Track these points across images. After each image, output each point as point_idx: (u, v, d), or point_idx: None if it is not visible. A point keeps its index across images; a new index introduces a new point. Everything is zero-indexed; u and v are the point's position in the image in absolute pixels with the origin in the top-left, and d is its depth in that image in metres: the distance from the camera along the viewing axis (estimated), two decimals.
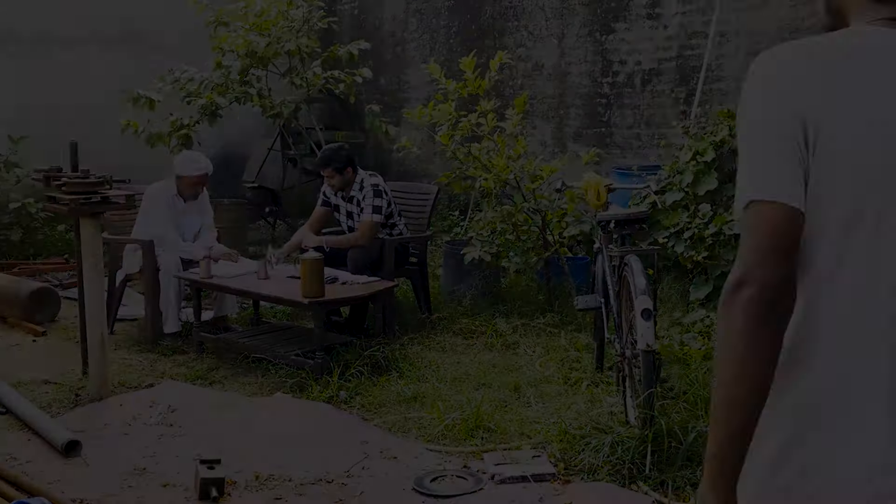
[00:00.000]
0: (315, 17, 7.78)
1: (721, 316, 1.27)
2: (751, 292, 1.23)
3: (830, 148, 1.25)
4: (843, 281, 1.27)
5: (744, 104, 1.34)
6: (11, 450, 3.95)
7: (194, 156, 6.04)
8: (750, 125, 1.31)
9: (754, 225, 1.27)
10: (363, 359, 5.06)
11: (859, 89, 1.26)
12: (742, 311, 1.24)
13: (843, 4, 1.40)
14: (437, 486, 3.60)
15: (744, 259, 1.26)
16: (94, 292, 4.58)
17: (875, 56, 1.28)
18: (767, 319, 1.24)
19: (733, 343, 1.25)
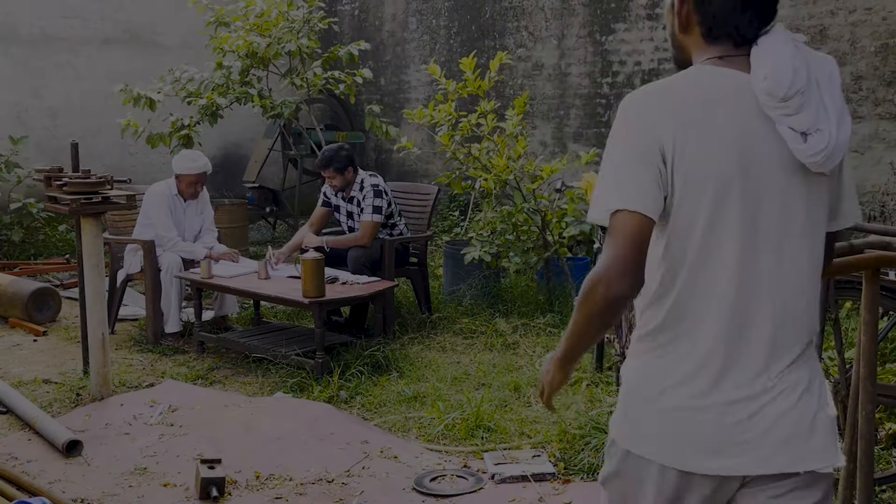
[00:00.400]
0: (315, 18, 7.79)
1: (581, 299, 1.63)
2: (606, 294, 1.59)
3: (683, 169, 1.60)
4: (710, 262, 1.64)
5: (614, 134, 1.68)
6: (12, 449, 3.96)
7: (192, 154, 6.05)
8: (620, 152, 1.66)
9: (622, 227, 1.60)
10: (363, 359, 5.07)
11: (697, 123, 1.60)
12: (598, 304, 1.60)
13: (685, 44, 1.75)
14: (437, 485, 3.61)
15: (607, 262, 1.59)
16: (95, 292, 4.59)
17: (712, 93, 1.63)
18: (615, 312, 1.62)
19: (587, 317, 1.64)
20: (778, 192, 1.64)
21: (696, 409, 1.66)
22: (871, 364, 2.23)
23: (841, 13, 6.24)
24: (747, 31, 1.67)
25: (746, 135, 1.62)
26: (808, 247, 1.68)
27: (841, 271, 2.17)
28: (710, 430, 1.65)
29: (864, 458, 2.25)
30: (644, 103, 1.66)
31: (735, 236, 1.63)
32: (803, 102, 1.60)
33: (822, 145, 1.60)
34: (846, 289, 3.38)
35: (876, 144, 6.09)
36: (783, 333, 1.68)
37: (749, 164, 1.62)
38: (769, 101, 1.60)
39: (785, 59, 1.61)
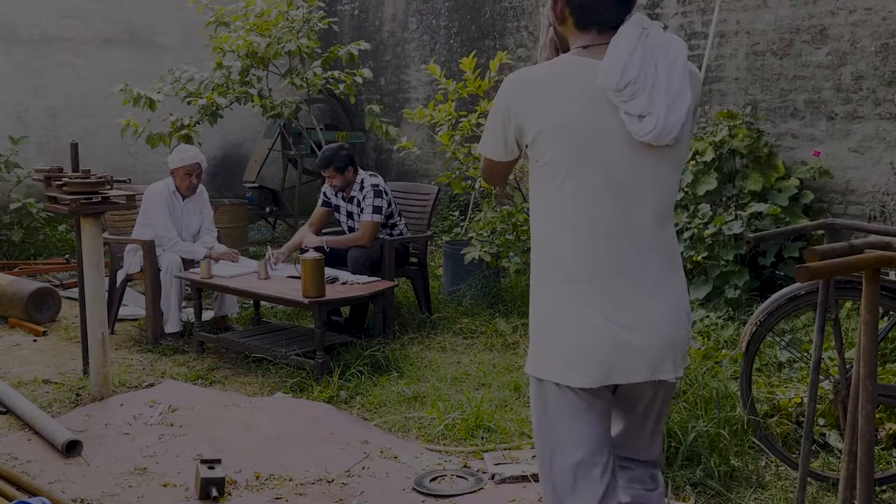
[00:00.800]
0: (315, 18, 7.79)
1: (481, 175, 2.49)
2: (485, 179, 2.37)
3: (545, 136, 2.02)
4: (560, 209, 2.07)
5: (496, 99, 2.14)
6: (12, 449, 3.96)
7: (182, 147, 6.06)
8: (491, 114, 2.15)
9: (486, 165, 2.28)
10: (363, 359, 5.07)
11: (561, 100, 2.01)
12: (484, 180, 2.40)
13: (564, 35, 2.12)
14: (437, 485, 3.61)
15: (481, 174, 2.39)
16: (95, 292, 4.59)
17: (564, 79, 2.01)
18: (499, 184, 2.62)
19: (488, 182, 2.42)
20: (629, 158, 2.01)
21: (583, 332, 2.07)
22: (871, 364, 2.23)
23: (841, 13, 6.23)
24: (610, 18, 2.01)
25: (594, 114, 1.99)
26: (658, 200, 2.07)
27: (841, 271, 2.17)
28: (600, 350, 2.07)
29: (864, 458, 2.25)
30: (518, 83, 2.08)
31: (598, 191, 2.03)
32: (636, 90, 1.93)
33: (651, 126, 1.95)
34: (846, 289, 3.38)
35: (876, 144, 6.09)
36: (643, 265, 2.07)
37: (597, 137, 2.00)
38: (607, 91, 1.97)
39: (618, 56, 1.94)
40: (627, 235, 2.05)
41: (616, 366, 2.09)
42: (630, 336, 2.07)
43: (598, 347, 2.07)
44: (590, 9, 2.02)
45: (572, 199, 2.05)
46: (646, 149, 2.02)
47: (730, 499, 3.45)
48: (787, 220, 5.95)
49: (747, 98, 6.83)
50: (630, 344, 2.07)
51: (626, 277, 2.06)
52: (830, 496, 3.45)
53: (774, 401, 4.09)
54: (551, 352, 2.13)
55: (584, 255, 2.06)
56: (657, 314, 2.09)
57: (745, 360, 3.72)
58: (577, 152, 2.01)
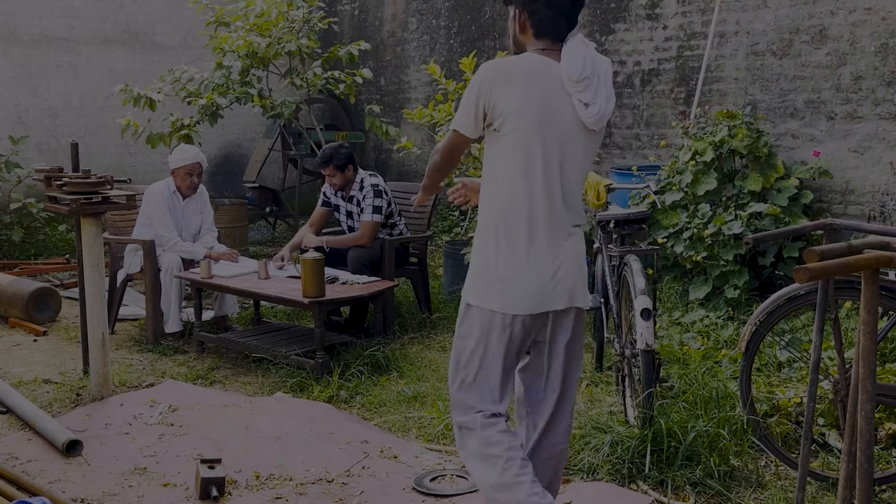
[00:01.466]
0: (315, 18, 7.79)
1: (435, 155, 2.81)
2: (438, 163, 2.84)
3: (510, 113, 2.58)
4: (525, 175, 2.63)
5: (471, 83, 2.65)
6: (12, 449, 3.96)
7: (183, 147, 6.07)
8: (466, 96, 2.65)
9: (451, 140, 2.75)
10: (363, 358, 5.07)
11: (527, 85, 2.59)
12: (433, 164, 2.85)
13: (522, 40, 2.73)
14: (437, 485, 3.61)
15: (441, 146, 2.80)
16: (95, 292, 4.59)
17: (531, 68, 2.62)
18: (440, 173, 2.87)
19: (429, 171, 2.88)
20: (570, 136, 2.64)
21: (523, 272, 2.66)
22: (870, 364, 2.23)
23: (841, 13, 6.24)
24: (561, 32, 2.67)
25: (551, 99, 2.61)
26: (581, 171, 2.72)
27: (840, 272, 2.17)
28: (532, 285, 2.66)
29: (864, 457, 2.25)
30: (493, 70, 2.63)
31: (539, 161, 2.62)
32: (587, 85, 2.59)
33: (594, 112, 2.61)
34: (846, 289, 3.39)
35: (876, 144, 6.10)
36: (566, 223, 2.70)
37: (551, 117, 2.61)
38: (568, 82, 2.59)
39: (579, 57, 2.59)
40: (563, 198, 2.68)
41: (544, 297, 2.68)
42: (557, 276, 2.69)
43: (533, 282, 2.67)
44: (548, 25, 2.67)
45: (524, 163, 2.63)
46: (582, 130, 2.67)
47: (729, 498, 3.45)
48: (786, 220, 5.95)
49: (747, 98, 6.83)
50: (554, 279, 2.69)
51: (555, 227, 2.68)
52: (830, 496, 3.45)
53: (774, 400, 4.09)
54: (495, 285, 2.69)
55: (532, 213, 2.65)
56: (572, 257, 2.72)
57: (745, 360, 3.73)
58: (535, 128, 2.60)
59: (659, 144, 7.41)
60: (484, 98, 2.61)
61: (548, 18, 2.66)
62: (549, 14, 2.65)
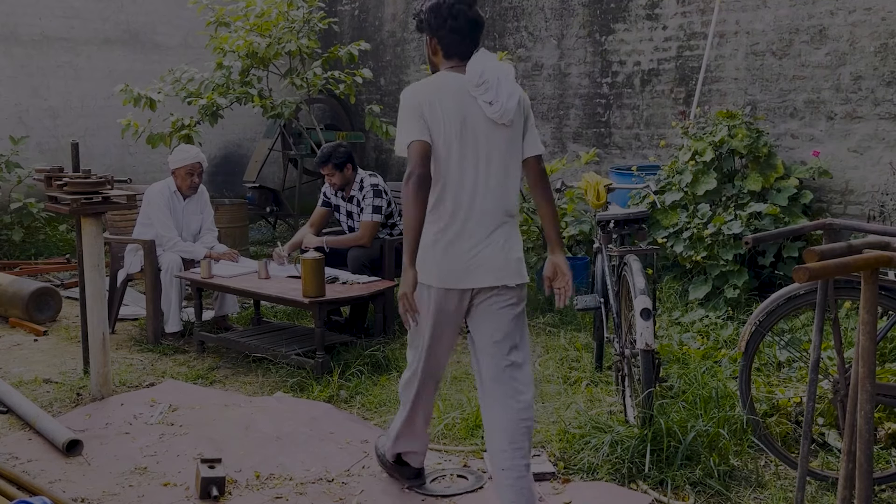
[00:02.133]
0: (315, 18, 7.79)
1: (404, 189, 2.99)
2: (414, 178, 2.98)
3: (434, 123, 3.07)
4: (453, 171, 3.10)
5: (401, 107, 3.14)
6: (13, 449, 3.97)
7: (183, 147, 6.07)
8: (405, 115, 3.10)
9: (414, 150, 3.03)
10: (363, 358, 5.07)
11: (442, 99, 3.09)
12: (412, 186, 2.97)
13: (435, 60, 3.25)
14: (437, 485, 3.62)
15: (411, 165, 3.00)
16: (96, 292, 4.59)
17: (444, 84, 3.13)
18: (421, 189, 2.98)
19: (410, 202, 2.97)
20: (486, 134, 3.14)
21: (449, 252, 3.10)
22: (870, 364, 2.24)
23: (840, 13, 6.24)
24: (465, 53, 3.19)
25: (464, 106, 3.11)
26: (506, 164, 3.17)
27: (840, 271, 2.18)
28: (457, 264, 3.10)
29: (864, 457, 2.26)
30: (415, 91, 3.15)
31: (465, 158, 3.12)
32: (487, 88, 3.10)
33: (497, 108, 3.10)
34: (845, 289, 3.39)
35: (875, 144, 6.10)
36: (491, 210, 3.13)
37: (466, 120, 3.11)
38: (471, 87, 3.11)
39: (477, 67, 3.12)
40: (487, 186, 3.14)
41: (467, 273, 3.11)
42: (480, 256, 3.11)
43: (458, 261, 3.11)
44: (453, 46, 3.19)
45: (456, 162, 3.12)
46: (496, 126, 3.14)
47: (729, 498, 3.45)
48: (786, 219, 5.95)
49: (747, 98, 6.83)
50: (482, 260, 3.11)
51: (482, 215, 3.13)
52: (829, 495, 3.46)
53: (774, 400, 4.10)
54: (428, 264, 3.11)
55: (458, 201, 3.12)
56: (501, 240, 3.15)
57: (745, 360, 3.73)
58: (456, 132, 3.11)
59: (659, 144, 7.41)
60: (418, 111, 3.10)
61: (453, 42, 3.19)
62: (454, 38, 3.18)
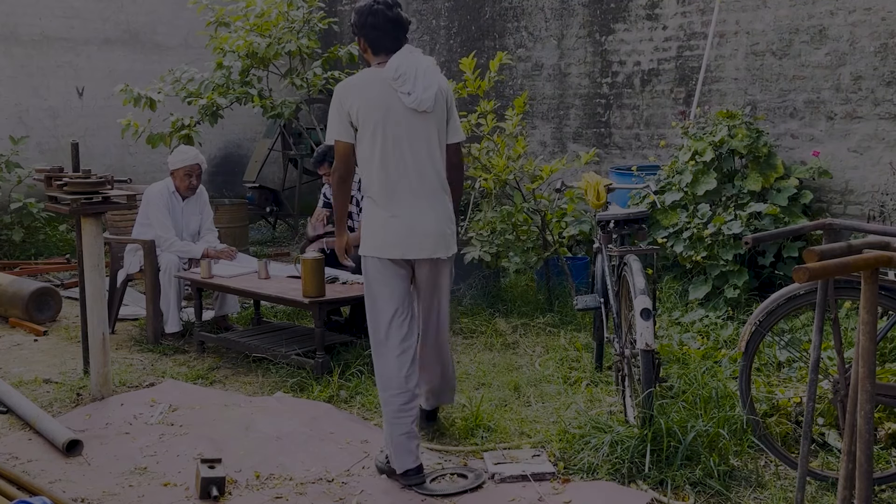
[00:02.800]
0: (315, 18, 7.79)
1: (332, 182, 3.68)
2: (336, 177, 3.65)
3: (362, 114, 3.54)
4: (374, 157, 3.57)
5: (332, 103, 3.61)
6: (13, 449, 3.97)
7: (182, 148, 6.06)
8: (334, 112, 3.59)
9: (338, 149, 3.63)
10: (363, 358, 5.07)
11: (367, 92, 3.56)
12: (336, 182, 3.66)
13: (367, 58, 3.68)
14: (436, 485, 3.62)
15: (336, 163, 3.64)
16: (96, 292, 4.59)
17: (370, 78, 3.60)
18: (344, 182, 3.65)
19: (336, 193, 3.68)
20: (408, 121, 3.58)
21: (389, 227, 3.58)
22: (870, 364, 2.24)
23: (840, 13, 6.24)
24: (391, 48, 3.62)
25: (387, 97, 3.56)
26: (430, 147, 3.64)
27: (840, 271, 2.18)
28: (398, 237, 3.58)
29: (864, 457, 2.26)
30: (343, 87, 3.64)
31: (392, 142, 3.57)
32: (404, 80, 3.54)
33: (413, 99, 3.55)
34: (845, 289, 3.39)
35: (875, 144, 6.10)
36: (422, 187, 3.61)
37: (389, 110, 3.56)
38: (390, 80, 3.56)
39: (394, 62, 3.57)
40: (413, 168, 3.60)
41: (408, 247, 3.59)
42: (414, 229, 3.59)
43: (397, 235, 3.58)
44: (378, 42, 3.65)
45: (381, 149, 3.57)
46: (416, 114, 3.60)
47: (729, 498, 3.45)
48: (786, 219, 5.95)
49: (746, 98, 6.83)
50: (415, 233, 3.59)
51: (413, 195, 3.60)
52: (829, 495, 3.46)
53: (773, 400, 4.10)
54: (374, 238, 3.61)
55: (389, 182, 3.59)
56: (431, 217, 3.63)
57: (745, 360, 3.73)
58: (381, 120, 3.55)
59: (659, 144, 7.41)
60: (345, 108, 3.60)
61: (377, 39, 3.64)
62: (377, 35, 3.63)
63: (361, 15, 3.64)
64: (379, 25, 3.60)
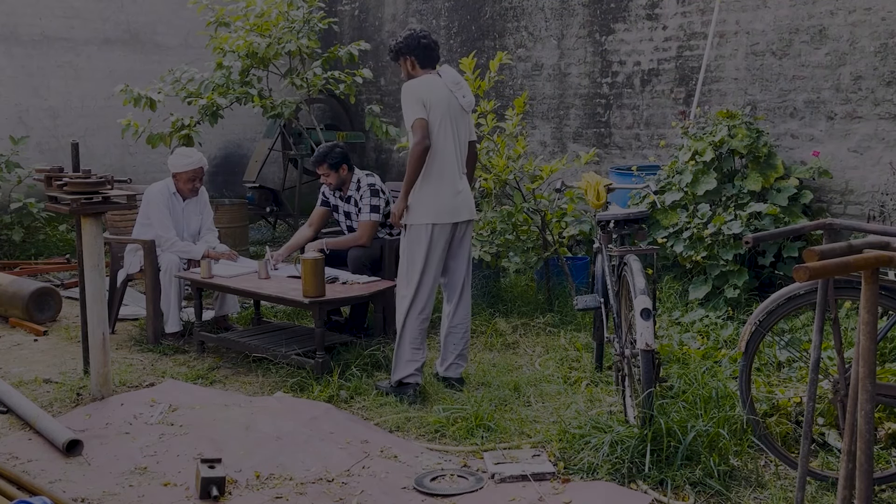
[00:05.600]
0: (315, 18, 7.79)
1: (414, 154, 4.54)
2: (421, 148, 4.54)
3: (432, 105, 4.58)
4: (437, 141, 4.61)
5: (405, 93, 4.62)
6: (13, 449, 3.97)
7: (185, 151, 6.05)
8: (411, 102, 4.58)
9: (419, 125, 4.54)
10: (363, 358, 5.07)
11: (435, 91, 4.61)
12: (419, 153, 4.55)
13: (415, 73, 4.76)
14: (437, 485, 3.62)
15: (418, 137, 4.53)
16: (96, 292, 4.59)
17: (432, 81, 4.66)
18: (423, 155, 4.56)
19: (415, 164, 4.56)
20: (460, 117, 4.69)
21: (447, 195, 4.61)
22: (870, 364, 2.24)
23: (840, 13, 6.24)
24: (433, 65, 4.74)
25: (447, 97, 4.61)
26: (465, 138, 4.77)
27: (840, 271, 2.18)
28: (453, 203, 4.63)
29: (864, 457, 2.26)
30: (416, 83, 4.59)
31: (449, 132, 4.61)
32: (460, 87, 4.69)
33: (468, 101, 4.72)
34: (845, 289, 3.39)
35: (875, 144, 6.10)
36: (461, 168, 4.73)
37: (449, 107, 4.61)
38: (451, 85, 4.66)
39: (451, 74, 4.72)
40: (458, 153, 4.68)
41: (457, 212, 4.64)
42: (458, 197, 4.65)
43: (451, 203, 4.61)
44: (426, 61, 4.72)
45: (442, 137, 4.58)
46: (464, 112, 4.72)
47: (729, 498, 3.45)
48: (786, 219, 5.95)
49: (746, 98, 6.83)
50: (459, 201, 4.65)
51: (458, 173, 4.68)
52: (830, 495, 3.46)
53: (774, 400, 4.10)
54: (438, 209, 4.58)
55: (444, 163, 4.60)
56: (466, 189, 4.73)
57: (745, 360, 3.73)
58: (443, 114, 4.58)
59: (659, 144, 7.41)
60: (420, 98, 4.52)
61: (426, 57, 4.72)
62: (426, 53, 4.71)
63: (413, 39, 4.70)
64: (428, 46, 4.72)
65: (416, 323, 4.65)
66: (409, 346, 4.65)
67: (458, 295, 4.82)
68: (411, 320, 4.65)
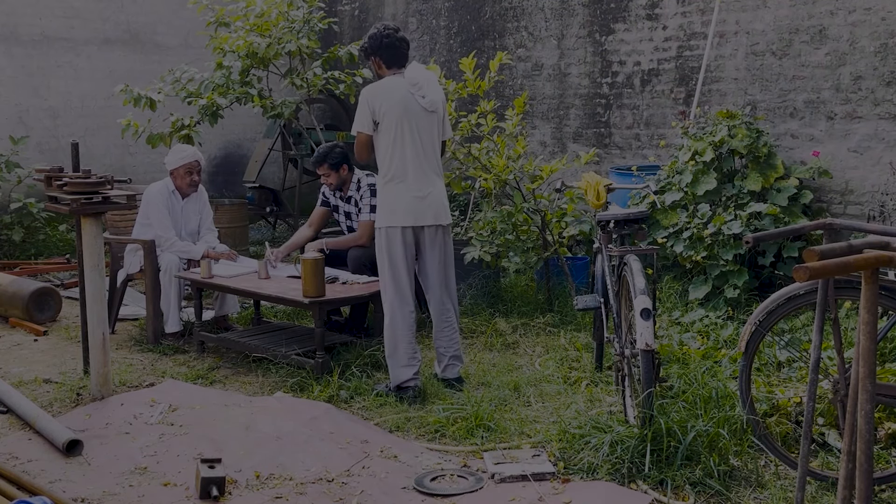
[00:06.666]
0: (315, 18, 7.79)
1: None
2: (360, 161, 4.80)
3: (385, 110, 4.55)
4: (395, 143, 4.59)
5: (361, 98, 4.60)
6: (13, 449, 3.97)
7: (180, 147, 6.06)
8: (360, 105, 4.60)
9: (358, 139, 4.63)
10: (363, 358, 5.07)
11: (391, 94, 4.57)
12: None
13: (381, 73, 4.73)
14: (437, 485, 3.62)
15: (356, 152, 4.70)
16: (96, 292, 4.59)
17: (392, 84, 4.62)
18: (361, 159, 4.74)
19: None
20: (422, 119, 4.59)
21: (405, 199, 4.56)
22: (870, 364, 2.24)
23: (840, 13, 6.24)
24: (400, 64, 4.68)
25: (405, 98, 4.55)
26: (434, 140, 4.68)
27: (840, 271, 2.18)
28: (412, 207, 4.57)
29: (864, 457, 2.26)
30: (370, 90, 4.57)
31: (408, 136, 4.55)
32: (419, 87, 4.56)
33: (428, 101, 4.59)
34: (845, 289, 3.39)
35: (875, 144, 6.10)
36: (428, 171, 4.62)
37: (407, 109, 4.54)
38: (409, 86, 4.56)
39: (410, 74, 4.59)
40: (423, 156, 4.60)
41: (418, 215, 4.58)
42: (422, 202, 4.59)
43: (409, 207, 4.56)
44: (392, 60, 4.67)
45: (399, 141, 4.54)
46: (427, 113, 4.60)
47: (729, 498, 3.45)
48: (786, 219, 5.95)
49: (746, 98, 6.83)
50: (423, 205, 4.59)
51: (421, 176, 4.59)
52: (830, 495, 3.46)
53: (774, 400, 4.10)
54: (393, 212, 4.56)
55: (404, 167, 4.56)
56: (433, 193, 4.63)
57: (745, 360, 3.73)
58: (400, 117, 4.53)
59: (659, 144, 7.41)
60: (370, 107, 4.54)
61: (391, 56, 4.65)
62: (391, 52, 4.64)
63: (376, 39, 4.62)
64: (392, 45, 4.62)
65: (399, 325, 4.61)
66: (401, 351, 4.62)
67: (437, 299, 4.77)
68: (393, 322, 4.63)
